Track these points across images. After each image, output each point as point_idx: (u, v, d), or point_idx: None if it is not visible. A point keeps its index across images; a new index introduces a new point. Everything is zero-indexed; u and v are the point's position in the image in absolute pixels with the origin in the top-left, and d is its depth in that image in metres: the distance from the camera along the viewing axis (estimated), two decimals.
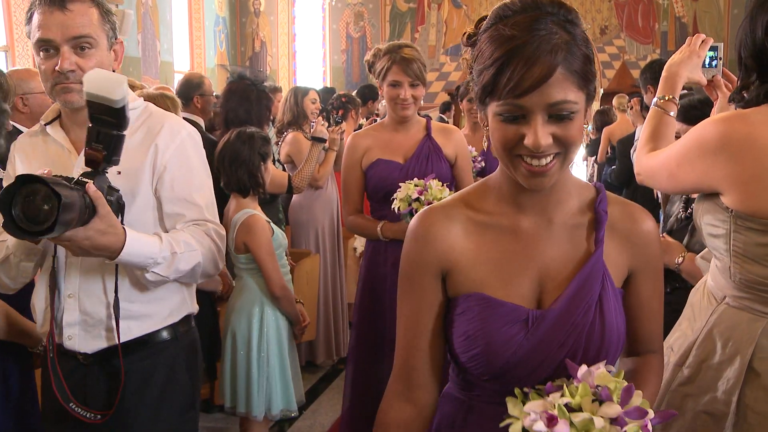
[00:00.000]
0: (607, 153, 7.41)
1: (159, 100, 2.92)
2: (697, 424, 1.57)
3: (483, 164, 3.93)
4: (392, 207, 2.57)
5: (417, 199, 2.50)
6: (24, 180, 1.37)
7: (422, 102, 2.91)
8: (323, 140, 4.11)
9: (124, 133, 1.57)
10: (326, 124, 4.12)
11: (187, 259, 1.75)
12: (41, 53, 1.69)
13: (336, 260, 4.66)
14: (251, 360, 2.86)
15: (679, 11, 12.61)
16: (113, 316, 1.73)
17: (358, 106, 5.45)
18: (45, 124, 1.84)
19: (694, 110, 2.40)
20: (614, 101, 7.90)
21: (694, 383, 1.60)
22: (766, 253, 1.47)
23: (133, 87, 3.81)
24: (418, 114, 2.94)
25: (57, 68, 1.66)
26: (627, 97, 7.24)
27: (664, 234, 2.34)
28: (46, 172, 1.43)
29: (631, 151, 4.70)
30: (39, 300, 1.83)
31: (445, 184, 2.58)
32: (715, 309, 1.61)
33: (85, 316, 1.76)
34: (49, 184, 1.35)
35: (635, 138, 4.90)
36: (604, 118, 7.89)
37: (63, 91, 1.70)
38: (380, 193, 2.77)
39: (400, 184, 2.58)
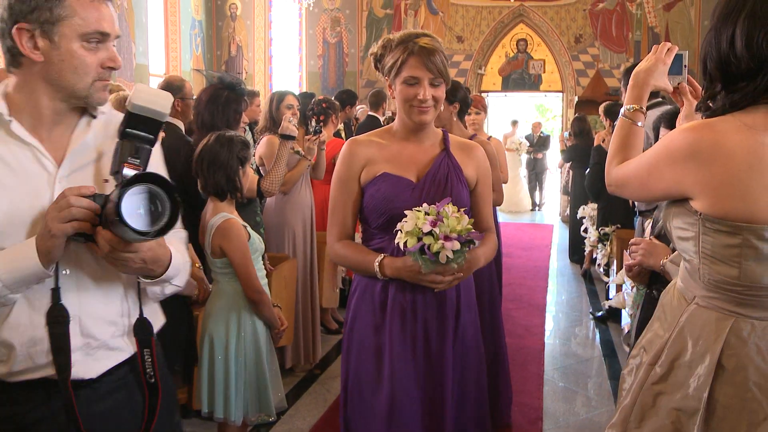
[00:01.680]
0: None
1: None
2: (670, 420, 1.63)
3: None
4: (396, 241, 2.04)
5: (430, 233, 1.96)
6: (142, 179, 1.38)
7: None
8: (292, 138, 4.03)
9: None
10: (294, 121, 4.07)
11: (186, 267, 1.73)
12: (83, 44, 1.54)
13: (308, 264, 4.64)
14: (229, 365, 2.86)
15: (651, 21, 12.84)
16: (121, 334, 1.67)
17: (337, 111, 5.48)
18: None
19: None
20: (601, 109, 7.97)
21: (667, 381, 1.66)
22: (733, 254, 1.53)
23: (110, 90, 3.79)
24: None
25: (110, 64, 1.57)
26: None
27: (651, 237, 2.40)
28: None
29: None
30: (18, 333, 1.54)
31: (461, 210, 2.04)
32: (686, 309, 1.66)
33: (88, 339, 1.61)
34: (170, 188, 1.39)
35: None
36: (582, 125, 7.96)
37: (104, 89, 1.61)
38: (383, 217, 2.21)
39: (406, 212, 2.03)
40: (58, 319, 1.53)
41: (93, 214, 1.43)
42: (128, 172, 1.48)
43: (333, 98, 5.94)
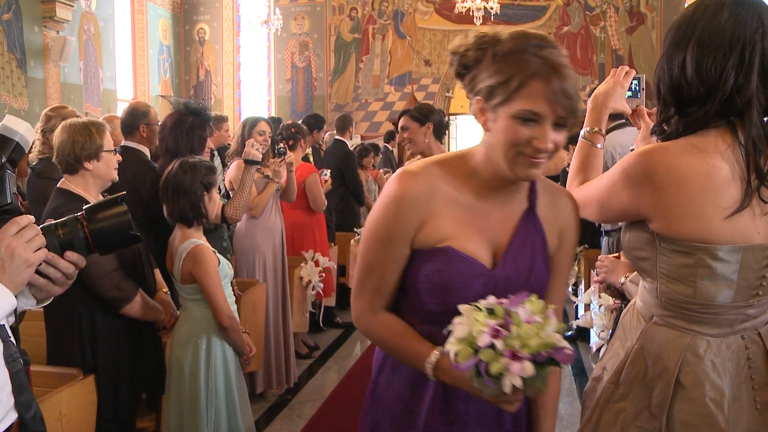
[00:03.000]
0: None
1: (80, 129, 2.75)
2: None
3: None
4: (446, 347, 1.36)
5: (491, 347, 1.28)
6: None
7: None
8: (256, 162, 4.01)
9: None
10: (258, 146, 4.07)
11: None
12: None
13: (279, 289, 4.62)
14: (199, 391, 2.83)
15: (615, 44, 13.12)
16: None
17: (306, 135, 5.50)
18: None
19: None
20: None
21: (628, 399, 1.68)
22: (688, 273, 1.57)
23: (65, 117, 3.71)
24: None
25: None
26: None
27: (619, 253, 2.44)
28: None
29: None
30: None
31: (548, 308, 1.34)
32: (645, 328, 1.70)
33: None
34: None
35: None
36: None
37: None
38: (440, 307, 1.49)
39: (462, 308, 1.35)
40: (14, 357, 1.46)
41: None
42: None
43: (301, 122, 5.96)
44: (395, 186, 1.51)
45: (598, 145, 1.92)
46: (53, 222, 1.44)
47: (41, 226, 1.43)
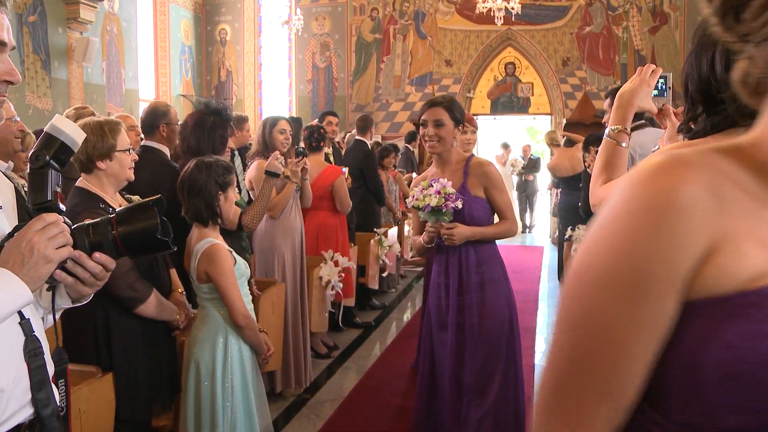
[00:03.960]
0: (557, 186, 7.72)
1: (94, 128, 2.71)
2: None
3: (460, 204, 3.12)
4: None
5: None
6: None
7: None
8: (276, 175, 4.00)
9: None
10: (282, 159, 4.06)
11: None
12: None
13: (297, 289, 4.63)
14: (216, 391, 2.83)
15: (638, 44, 12.99)
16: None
17: (326, 137, 5.52)
18: None
19: None
20: (545, 138, 8.09)
21: None
22: None
23: (79, 117, 3.74)
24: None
25: (7, 77, 1.44)
26: (558, 132, 7.49)
27: None
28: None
29: None
30: (4, 373, 1.41)
31: None
32: None
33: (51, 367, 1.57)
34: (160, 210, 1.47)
35: None
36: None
37: (0, 105, 1.47)
38: (758, 414, 0.69)
39: None
40: (35, 352, 1.45)
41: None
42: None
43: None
44: (653, 184, 0.75)
45: (623, 144, 1.89)
46: (88, 222, 1.46)
47: (76, 225, 1.44)
